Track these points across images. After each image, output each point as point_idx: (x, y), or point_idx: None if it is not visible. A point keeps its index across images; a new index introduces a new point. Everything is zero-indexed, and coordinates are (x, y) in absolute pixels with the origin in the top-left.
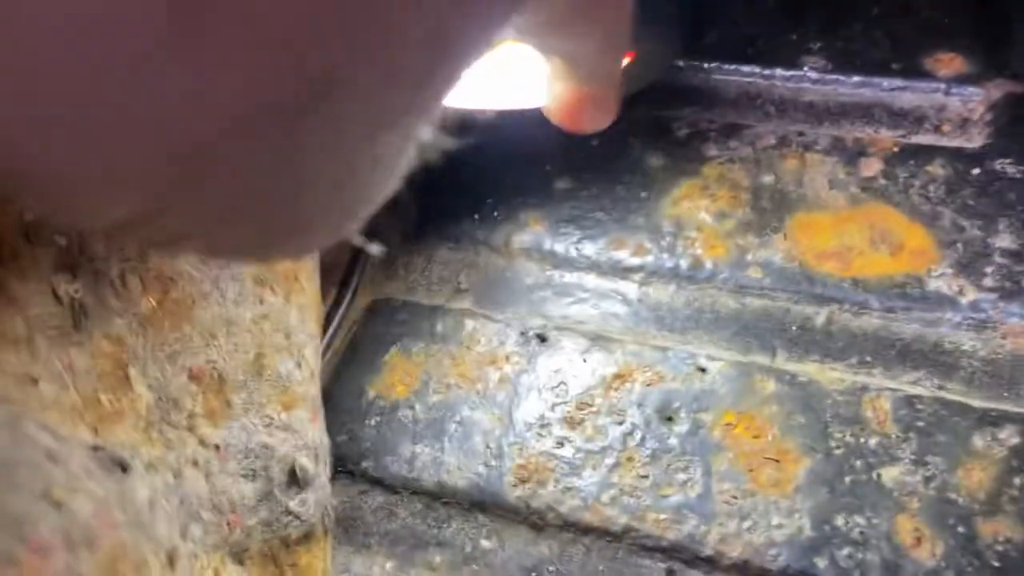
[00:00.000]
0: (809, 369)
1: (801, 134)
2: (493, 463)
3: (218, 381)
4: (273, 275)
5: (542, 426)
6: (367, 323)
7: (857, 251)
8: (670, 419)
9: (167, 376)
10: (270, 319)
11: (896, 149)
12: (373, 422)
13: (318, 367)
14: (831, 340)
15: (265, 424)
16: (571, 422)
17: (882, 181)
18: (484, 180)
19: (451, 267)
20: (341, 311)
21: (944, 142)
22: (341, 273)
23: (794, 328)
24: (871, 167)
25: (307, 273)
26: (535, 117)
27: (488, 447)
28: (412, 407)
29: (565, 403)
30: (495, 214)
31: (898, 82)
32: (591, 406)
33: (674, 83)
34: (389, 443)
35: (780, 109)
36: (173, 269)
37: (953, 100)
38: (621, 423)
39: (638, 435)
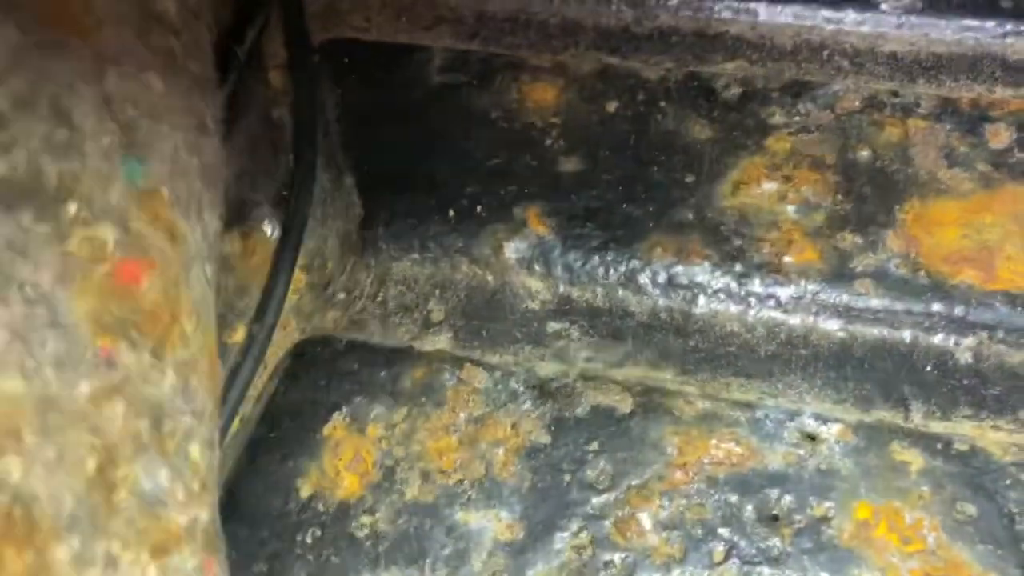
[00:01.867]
0: (964, 431)
1: (895, 94)
2: None
3: (24, 523)
4: (130, 314)
5: (580, 535)
6: (294, 377)
7: (1003, 252)
8: (775, 518)
9: None
10: (124, 394)
11: None
12: (310, 538)
13: (214, 469)
14: (985, 385)
15: None
16: (623, 528)
17: (1020, 155)
18: (458, 160)
19: (416, 288)
20: (251, 360)
21: None
22: (253, 300)
23: (928, 369)
24: (1000, 136)
25: (191, 305)
26: (526, 68)
27: (498, 574)
28: (371, 511)
29: (611, 496)
30: (477, 209)
31: (1011, 25)
32: (651, 501)
33: (708, 29)
34: (336, 572)
35: (855, 63)
36: None
37: None
38: (699, 527)
39: (727, 545)
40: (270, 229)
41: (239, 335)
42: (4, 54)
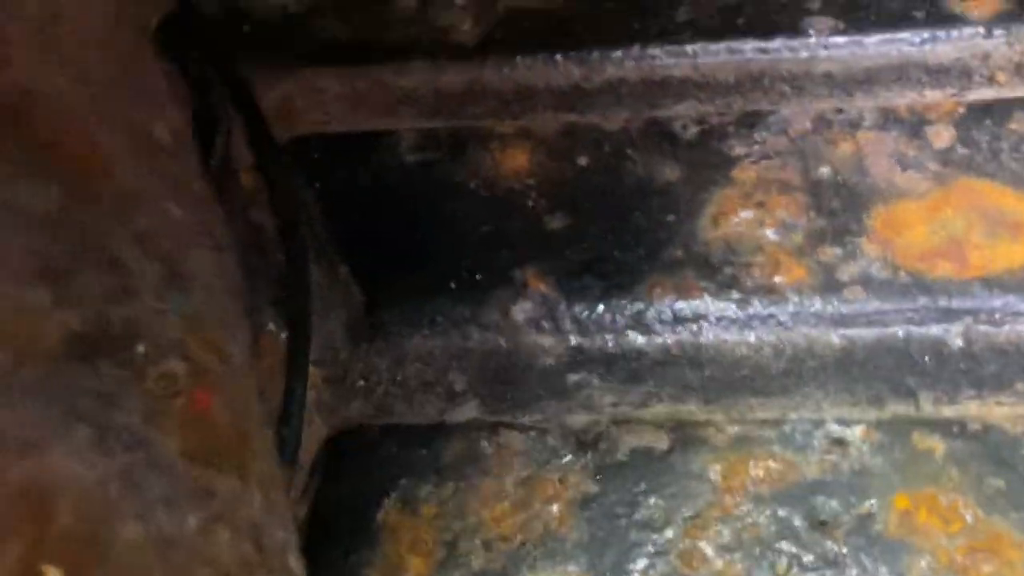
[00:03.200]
0: (972, 411)
1: (839, 111)
2: None
3: None
4: (212, 441)
5: (648, 574)
6: (334, 473)
7: (970, 242)
8: (823, 524)
9: None
10: (226, 521)
11: (962, 111)
12: None
13: None
14: (980, 365)
15: None
16: (688, 559)
17: (962, 151)
18: (447, 233)
19: (433, 364)
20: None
21: (1010, 93)
22: (274, 404)
23: (926, 359)
24: (942, 137)
25: (252, 420)
26: (493, 136)
27: None
28: None
29: (669, 532)
30: (477, 278)
31: (926, 33)
32: (707, 529)
33: (653, 76)
34: None
35: (795, 86)
36: (47, 478)
37: (999, 44)
38: (758, 545)
39: (787, 557)
40: (276, 329)
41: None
42: (53, 212)
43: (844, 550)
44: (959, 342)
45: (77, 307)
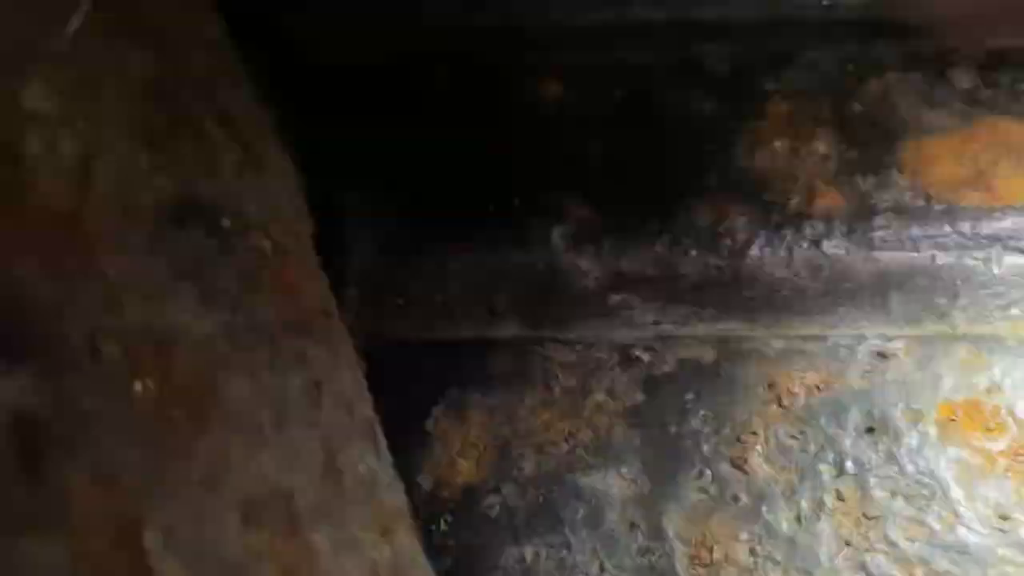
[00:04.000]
0: (1006, 329)
1: (865, 54)
2: (654, 549)
3: (287, 515)
4: (302, 314)
5: (702, 477)
6: (379, 383)
7: (997, 174)
8: (871, 430)
9: (205, 533)
10: (324, 388)
11: (984, 55)
12: (444, 524)
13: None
14: (1008, 289)
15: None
16: (740, 463)
17: (987, 92)
18: (483, 159)
19: (473, 283)
20: None
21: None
22: None
23: (958, 282)
24: (965, 79)
25: (332, 301)
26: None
27: (637, 527)
28: (497, 490)
29: (720, 438)
30: (516, 202)
31: None
32: (758, 435)
33: (679, 19)
34: (481, 552)
35: (817, 32)
36: (165, 325)
37: None
38: (808, 450)
39: (837, 460)
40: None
41: None
42: (150, 79)
43: (893, 453)
44: (988, 267)
45: (170, 175)
